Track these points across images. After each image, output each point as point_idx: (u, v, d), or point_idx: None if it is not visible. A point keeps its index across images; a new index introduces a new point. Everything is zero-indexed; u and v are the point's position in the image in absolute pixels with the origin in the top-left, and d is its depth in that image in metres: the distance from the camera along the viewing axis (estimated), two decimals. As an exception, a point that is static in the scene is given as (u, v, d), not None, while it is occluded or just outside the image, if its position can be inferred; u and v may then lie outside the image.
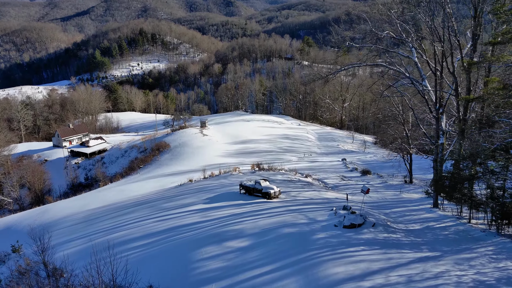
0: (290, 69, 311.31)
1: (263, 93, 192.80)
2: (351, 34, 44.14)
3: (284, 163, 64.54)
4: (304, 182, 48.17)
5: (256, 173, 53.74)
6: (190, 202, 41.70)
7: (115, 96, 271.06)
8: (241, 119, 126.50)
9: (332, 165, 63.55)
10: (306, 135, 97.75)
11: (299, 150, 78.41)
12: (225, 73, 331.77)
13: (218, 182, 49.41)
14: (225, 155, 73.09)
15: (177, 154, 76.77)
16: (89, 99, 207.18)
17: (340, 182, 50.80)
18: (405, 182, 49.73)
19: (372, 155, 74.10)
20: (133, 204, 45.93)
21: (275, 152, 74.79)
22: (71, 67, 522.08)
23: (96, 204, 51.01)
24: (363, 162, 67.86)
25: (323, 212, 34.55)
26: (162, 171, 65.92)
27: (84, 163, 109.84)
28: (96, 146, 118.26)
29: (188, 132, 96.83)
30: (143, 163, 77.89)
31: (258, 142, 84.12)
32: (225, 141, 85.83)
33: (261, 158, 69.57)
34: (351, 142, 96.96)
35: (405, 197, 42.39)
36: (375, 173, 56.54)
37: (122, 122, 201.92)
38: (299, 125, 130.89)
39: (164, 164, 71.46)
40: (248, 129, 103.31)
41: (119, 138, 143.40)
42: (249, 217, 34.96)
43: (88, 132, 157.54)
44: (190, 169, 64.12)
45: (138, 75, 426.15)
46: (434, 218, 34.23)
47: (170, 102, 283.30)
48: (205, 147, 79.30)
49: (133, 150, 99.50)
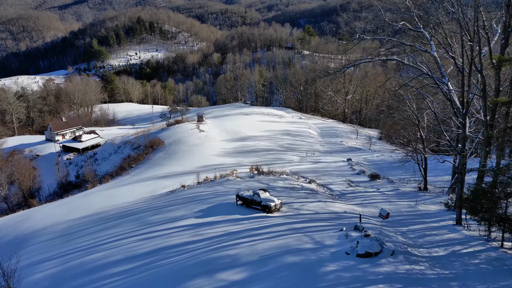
0: (291, 59, 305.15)
1: (263, 84, 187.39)
2: (362, 24, 39.17)
3: (285, 164, 59.89)
4: (307, 190, 43.51)
5: (255, 178, 49.07)
6: (180, 216, 37.10)
7: (111, 87, 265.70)
8: (240, 112, 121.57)
9: (337, 166, 58.86)
10: (308, 131, 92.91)
11: (301, 148, 73.68)
12: (224, 63, 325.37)
13: (212, 189, 44.75)
14: (222, 154, 68.40)
15: (172, 152, 72.05)
16: (85, 90, 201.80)
17: (347, 189, 46.13)
18: (419, 189, 45.11)
19: (379, 153, 69.40)
20: (117, 215, 41.32)
21: (275, 151, 70.05)
22: (68, 57, 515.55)
23: (80, 212, 46.45)
24: (370, 163, 63.22)
25: (331, 232, 29.95)
26: (154, 173, 61.27)
27: (76, 159, 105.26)
28: (89, 141, 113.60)
29: (184, 127, 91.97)
30: (135, 162, 73.24)
31: (258, 139, 79.32)
32: (223, 138, 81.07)
33: (260, 158, 64.93)
34: (355, 138, 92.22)
35: (422, 209, 37.76)
36: (384, 177, 51.88)
37: (118, 114, 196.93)
38: (300, 118, 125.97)
39: (157, 164, 66.80)
40: (247, 123, 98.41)
41: (114, 132, 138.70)
42: (246, 237, 30.38)
43: (82, 125, 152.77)
44: (184, 170, 59.48)
45: (136, 65, 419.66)
46: (460, 239, 29.64)
47: (168, 92, 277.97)
48: (201, 145, 74.56)
49: (126, 146, 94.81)
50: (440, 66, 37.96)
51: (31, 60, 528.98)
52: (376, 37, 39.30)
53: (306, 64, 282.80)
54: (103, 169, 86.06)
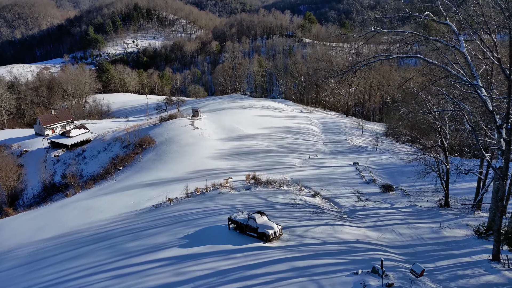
0: (291, 47, 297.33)
1: (262, 75, 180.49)
2: (377, 15, 32.99)
3: (286, 170, 54.07)
4: (311, 207, 37.71)
5: (252, 190, 43.26)
6: (162, 243, 31.37)
7: (107, 76, 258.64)
8: (238, 105, 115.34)
9: (343, 172, 53.00)
10: (310, 127, 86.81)
11: (303, 149, 67.73)
12: (223, 51, 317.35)
13: (202, 206, 38.95)
14: (216, 156, 62.48)
15: (162, 153, 66.14)
16: (78, 81, 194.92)
17: (356, 204, 40.33)
18: (440, 206, 39.32)
19: (388, 155, 63.47)
20: (91, 238, 35.61)
21: (275, 152, 64.06)
22: (65, 45, 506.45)
23: (52, 230, 40.78)
24: (378, 167, 57.39)
25: (343, 276, 24.22)
26: (140, 179, 55.47)
27: (64, 156, 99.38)
28: (78, 136, 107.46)
29: (178, 123, 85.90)
30: (123, 163, 67.35)
31: (256, 138, 73.31)
32: (218, 137, 75.05)
33: (258, 161, 59.02)
34: (360, 134, 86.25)
35: (447, 235, 32.00)
36: (397, 188, 46.00)
37: (113, 105, 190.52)
38: (301, 112, 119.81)
39: (146, 168, 60.95)
40: (245, 119, 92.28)
41: (106, 125, 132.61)
42: (238, 281, 24.65)
43: (74, 118, 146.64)
44: (174, 177, 53.66)
45: (133, 53, 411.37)
46: (502, 285, 23.95)
47: (166, 82, 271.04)
48: (194, 145, 68.58)
49: (116, 143, 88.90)
50: (471, 66, 31.92)
51: (26, 48, 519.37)
52: (394, 30, 33.08)
53: (307, 53, 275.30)
54: (90, 169, 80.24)
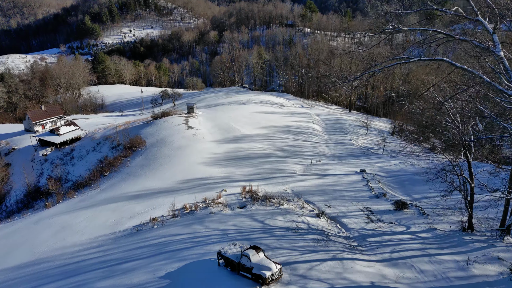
0: (291, 37, 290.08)
1: (261, 67, 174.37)
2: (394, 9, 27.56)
3: (286, 179, 48.92)
4: (315, 233, 32.61)
5: (247, 208, 38.11)
6: (138, 284, 26.33)
7: (102, 68, 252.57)
8: (236, 100, 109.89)
9: (349, 182, 47.81)
10: (312, 126, 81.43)
11: (304, 152, 62.48)
12: (222, 41, 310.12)
13: (189, 231, 33.87)
14: (210, 161, 57.25)
15: (152, 157, 60.94)
16: (72, 73, 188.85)
17: (367, 227, 35.22)
18: (463, 230, 34.22)
19: (397, 160, 58.15)
20: (59, 271, 30.65)
21: (274, 157, 58.79)
22: (61, 35, 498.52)
23: (19, 256, 35.82)
24: (388, 174, 52.21)
25: None
26: (126, 188, 50.38)
27: (53, 155, 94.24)
28: (68, 134, 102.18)
29: (171, 122, 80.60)
30: (110, 168, 62.22)
31: (254, 140, 68.02)
32: (213, 138, 69.76)
33: (256, 168, 53.80)
34: (364, 133, 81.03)
35: (477, 273, 26.98)
36: (412, 205, 40.81)
37: (108, 98, 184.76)
38: (302, 107, 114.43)
39: (133, 174, 55.81)
40: (242, 116, 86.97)
41: (99, 121, 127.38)
42: None
43: (65, 113, 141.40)
44: (162, 187, 48.54)
45: (130, 43, 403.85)
46: None
47: (163, 73, 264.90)
48: (187, 148, 63.36)
49: (105, 143, 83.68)
50: (508, 69, 26.62)
51: (22, 37, 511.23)
52: (416, 28, 27.67)
53: (308, 43, 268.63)
54: (76, 172, 75.08)
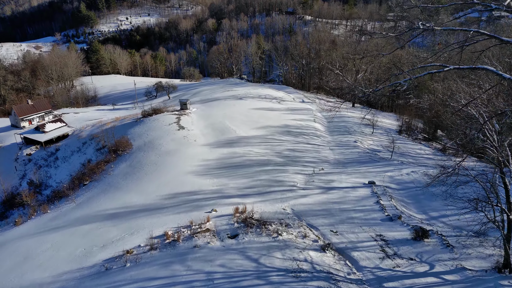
0: (292, 25, 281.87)
1: (260, 57, 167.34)
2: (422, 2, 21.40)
3: (285, 194, 43.12)
4: (322, 277, 26.85)
5: (239, 237, 32.28)
6: None
7: (97, 57, 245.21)
8: (233, 95, 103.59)
9: (357, 199, 41.91)
10: (313, 125, 75.37)
11: (306, 158, 56.59)
12: (220, 30, 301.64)
13: (168, 273, 28.02)
14: (201, 170, 51.34)
15: (137, 164, 55.08)
16: (64, 63, 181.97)
17: (383, 267, 29.40)
18: (499, 271, 28.51)
19: (409, 169, 52.19)
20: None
21: (272, 164, 52.88)
22: (56, 22, 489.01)
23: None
24: (399, 186, 46.39)
25: None
26: (104, 204, 44.60)
27: (37, 155, 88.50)
28: (54, 131, 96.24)
29: (162, 121, 74.64)
30: (91, 175, 56.39)
31: (250, 143, 62.04)
32: (206, 140, 63.77)
33: (251, 179, 47.93)
34: (370, 133, 75.11)
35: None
36: (433, 232, 34.95)
37: (101, 90, 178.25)
38: (302, 101, 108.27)
39: (114, 186, 50.03)
40: (239, 113, 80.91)
41: (89, 115, 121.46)
42: None
43: (53, 108, 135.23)
44: (144, 203, 42.74)
45: (127, 31, 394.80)
46: None
47: (159, 63, 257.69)
48: (176, 153, 57.45)
49: (91, 143, 77.86)
50: None
51: (17, 25, 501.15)
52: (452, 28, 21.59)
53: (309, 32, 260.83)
54: (58, 177, 69.32)
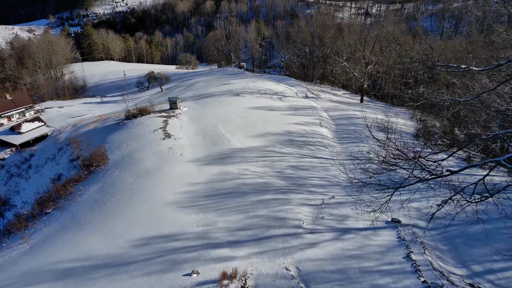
0: (294, 7, 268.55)
1: (260, 44, 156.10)
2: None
3: (287, 242, 33.89)
4: None
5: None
6: None
7: (89, 42, 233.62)
8: (229, 90, 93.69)
9: (380, 250, 32.52)
10: (319, 131, 65.69)
11: (312, 180, 47.15)
12: (219, 12, 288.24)
13: None
14: (184, 200, 41.83)
15: (109, 189, 45.76)
16: (52, 50, 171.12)
17: None
18: None
19: (434, 193, 42.53)
20: None
21: (272, 191, 43.37)
22: (50, 4, 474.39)
23: None
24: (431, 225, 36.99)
25: None
26: (61, 251, 35.33)
27: (11, 159, 79.47)
28: (31, 132, 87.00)
29: (146, 126, 65.11)
30: (56, 200, 46.99)
31: (246, 158, 52.56)
32: (194, 154, 54.22)
33: (246, 215, 38.56)
34: (384, 138, 65.19)
35: None
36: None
37: (91, 79, 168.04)
38: (306, 96, 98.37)
39: (77, 221, 40.67)
40: (235, 115, 71.30)
41: (73, 111, 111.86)
42: None
43: (36, 102, 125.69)
44: (108, 253, 33.40)
45: (122, 13, 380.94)
46: None
47: (155, 48, 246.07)
48: (157, 173, 48.08)
49: (66, 151, 68.62)
50: None
51: (10, 7, 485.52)
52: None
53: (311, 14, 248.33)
54: (27, 193, 60.25)
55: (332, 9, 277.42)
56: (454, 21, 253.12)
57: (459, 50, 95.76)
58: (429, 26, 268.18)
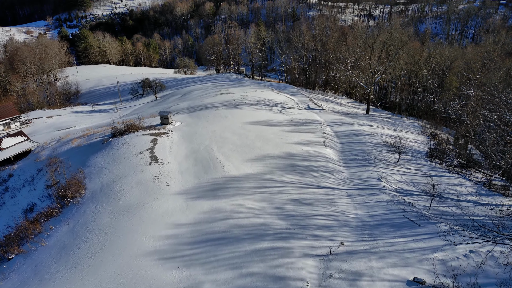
0: (295, 9, 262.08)
1: (260, 49, 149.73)
2: None
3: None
4: None
5: None
6: None
7: (85, 45, 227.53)
8: (226, 101, 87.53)
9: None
10: (324, 153, 59.38)
11: (317, 219, 40.84)
12: (219, 14, 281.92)
13: None
14: (166, 250, 35.45)
15: (81, 231, 39.54)
16: (45, 55, 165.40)
17: None
18: None
19: (467, 246, 35.88)
20: None
21: (270, 237, 37.06)
22: (48, 4, 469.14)
23: None
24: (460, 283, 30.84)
25: None
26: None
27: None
28: (12, 148, 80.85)
29: (132, 146, 58.91)
30: (21, 241, 40.93)
31: (241, 190, 46.22)
32: (183, 184, 47.99)
33: (238, 271, 32.29)
34: (395, 161, 59.26)
35: None
36: None
37: (85, 85, 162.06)
38: (308, 107, 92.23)
39: (39, 275, 33.95)
40: (231, 132, 65.17)
41: (62, 121, 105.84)
42: None
43: (25, 111, 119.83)
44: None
45: (121, 14, 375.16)
46: None
47: (153, 51, 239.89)
48: (138, 211, 41.87)
49: (45, 174, 62.33)
50: None
51: (8, 7, 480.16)
52: None
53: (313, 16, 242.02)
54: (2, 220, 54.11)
55: (334, 11, 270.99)
56: (459, 24, 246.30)
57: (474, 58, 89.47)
58: (434, 28, 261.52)
